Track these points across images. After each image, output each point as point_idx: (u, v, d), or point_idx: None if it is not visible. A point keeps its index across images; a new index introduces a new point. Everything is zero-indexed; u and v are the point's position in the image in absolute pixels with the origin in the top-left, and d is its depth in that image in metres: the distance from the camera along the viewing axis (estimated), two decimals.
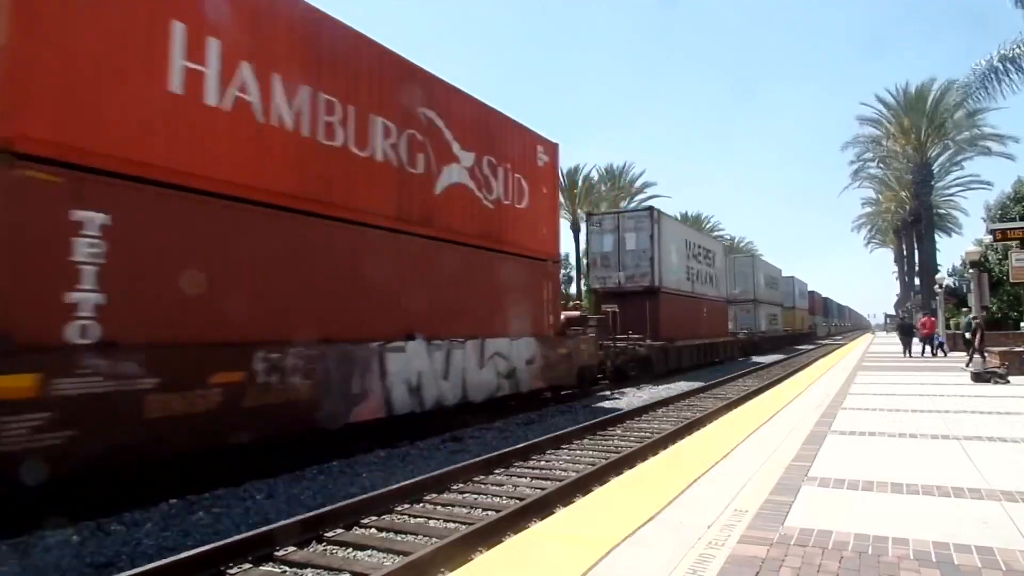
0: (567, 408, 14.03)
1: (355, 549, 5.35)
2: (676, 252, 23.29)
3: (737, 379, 20.32)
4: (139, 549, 5.24)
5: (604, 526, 3.92)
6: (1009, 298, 27.44)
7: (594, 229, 22.05)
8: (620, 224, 21.60)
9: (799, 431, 7.32)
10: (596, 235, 21.87)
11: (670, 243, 22.53)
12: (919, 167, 40.75)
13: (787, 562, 3.35)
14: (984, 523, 3.98)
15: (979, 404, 9.77)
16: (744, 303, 37.35)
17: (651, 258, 20.96)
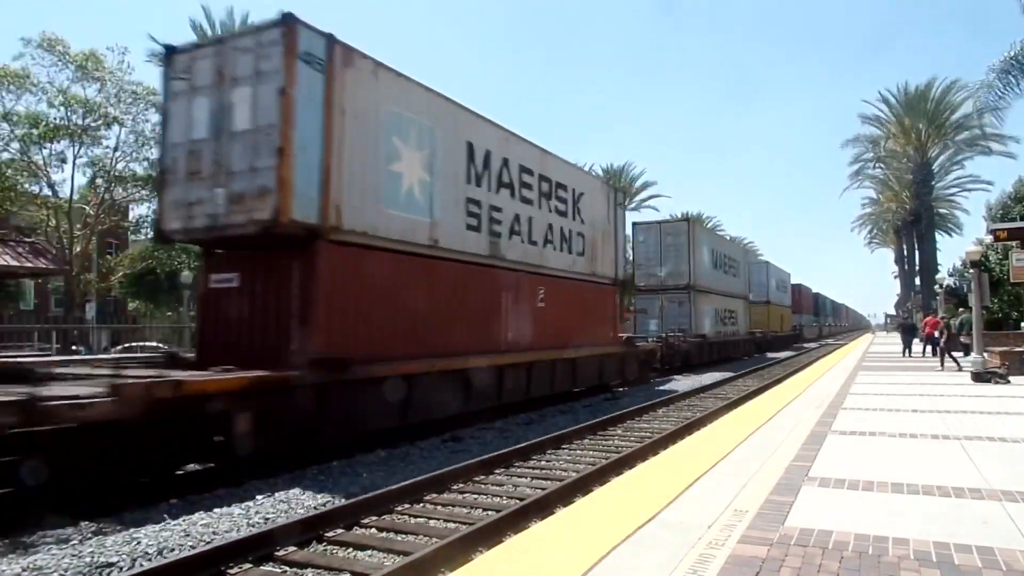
0: (567, 408, 14.04)
1: (355, 549, 5.35)
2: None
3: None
4: (139, 549, 5.24)
5: (604, 526, 3.92)
6: (1010, 298, 27.42)
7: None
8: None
9: (799, 431, 7.32)
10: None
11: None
12: (919, 167, 40.76)
13: (787, 562, 3.35)
14: (984, 523, 3.98)
15: (979, 404, 9.76)
16: (674, 291, 25.38)
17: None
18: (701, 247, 26.65)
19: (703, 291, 26.41)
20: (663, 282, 25.65)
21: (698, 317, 25.56)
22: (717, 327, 28.27)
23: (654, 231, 26.50)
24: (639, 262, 26.88)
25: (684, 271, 25.34)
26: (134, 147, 25.03)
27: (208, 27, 29.82)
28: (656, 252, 26.04)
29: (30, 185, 24.31)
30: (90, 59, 23.16)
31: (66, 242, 24.50)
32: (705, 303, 26.69)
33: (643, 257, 26.63)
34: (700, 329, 25.50)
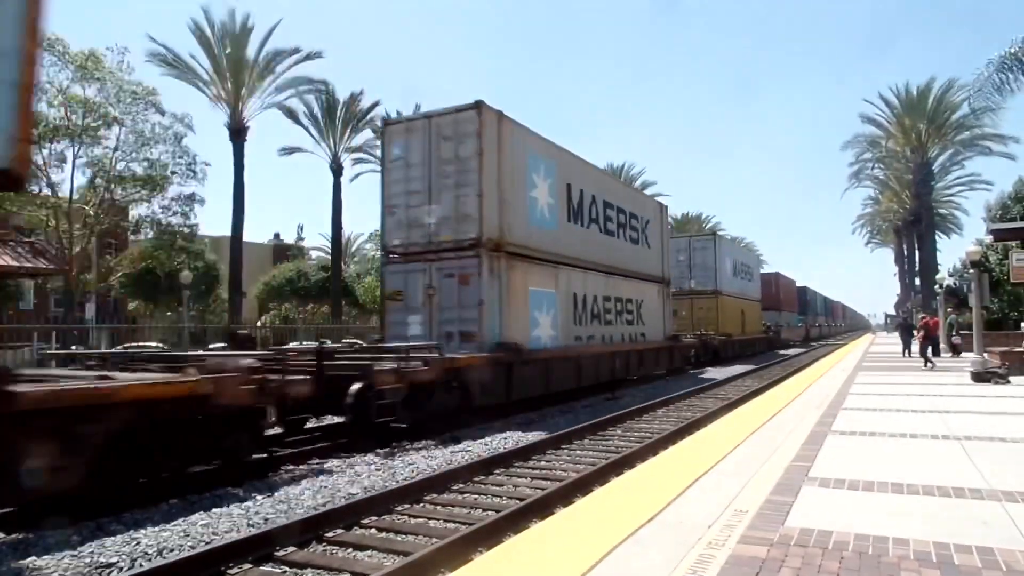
0: (567, 408, 14.04)
1: (355, 549, 5.35)
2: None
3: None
4: (139, 549, 5.24)
5: (604, 526, 3.92)
6: (1010, 298, 27.43)
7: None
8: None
9: (799, 431, 7.32)
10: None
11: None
12: (919, 167, 40.78)
13: (787, 562, 3.35)
14: (985, 523, 3.97)
15: (979, 404, 9.76)
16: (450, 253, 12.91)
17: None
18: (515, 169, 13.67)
19: (528, 257, 13.74)
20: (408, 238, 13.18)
21: (491, 310, 12.46)
22: (575, 328, 15.61)
23: None
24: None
25: (471, 212, 12.40)
26: (134, 147, 25.02)
27: (208, 29, 29.82)
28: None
29: (29, 185, 24.28)
30: (90, 59, 23.16)
31: (65, 242, 24.49)
32: (526, 280, 13.66)
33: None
34: (497, 330, 12.57)
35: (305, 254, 56.44)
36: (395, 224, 13.10)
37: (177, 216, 26.80)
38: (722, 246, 31.95)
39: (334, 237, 37.76)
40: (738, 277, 33.93)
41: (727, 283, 31.41)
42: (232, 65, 30.24)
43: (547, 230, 14.55)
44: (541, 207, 14.38)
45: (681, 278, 29.40)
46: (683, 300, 29.23)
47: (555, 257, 14.82)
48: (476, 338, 12.08)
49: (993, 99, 19.16)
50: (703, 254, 30.61)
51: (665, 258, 22.91)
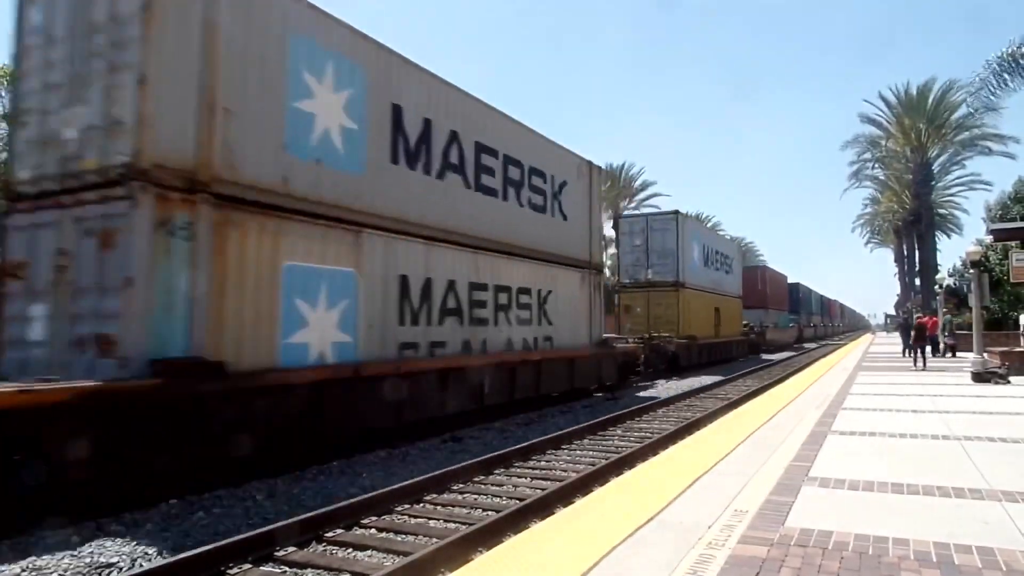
0: (567, 408, 14.03)
1: (355, 549, 5.35)
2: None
3: (738, 379, 20.35)
4: (139, 549, 5.24)
5: (604, 526, 3.92)
6: (1010, 298, 27.43)
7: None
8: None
9: (799, 431, 7.32)
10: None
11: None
12: (919, 167, 40.78)
13: (787, 562, 3.35)
14: (985, 523, 3.98)
15: (980, 404, 9.77)
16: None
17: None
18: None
19: (285, 210, 8.48)
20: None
21: (160, 295, 7.12)
22: (402, 330, 10.36)
23: None
24: None
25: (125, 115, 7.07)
26: None
27: None
28: None
29: None
30: None
31: None
32: (276, 248, 8.38)
33: None
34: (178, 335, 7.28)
35: None
36: (26, 145, 7.53)
37: None
38: (687, 227, 24.71)
39: None
40: (711, 267, 27.76)
41: (694, 274, 25.17)
42: None
43: (339, 171, 8.96)
44: (325, 131, 8.81)
45: (636, 266, 24.16)
46: (638, 294, 23.75)
47: (359, 216, 9.27)
48: (116, 349, 6.52)
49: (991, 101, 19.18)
50: (663, 237, 23.75)
51: (595, 236, 17.01)
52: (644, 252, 24.03)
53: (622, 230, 25.23)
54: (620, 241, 24.94)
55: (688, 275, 24.41)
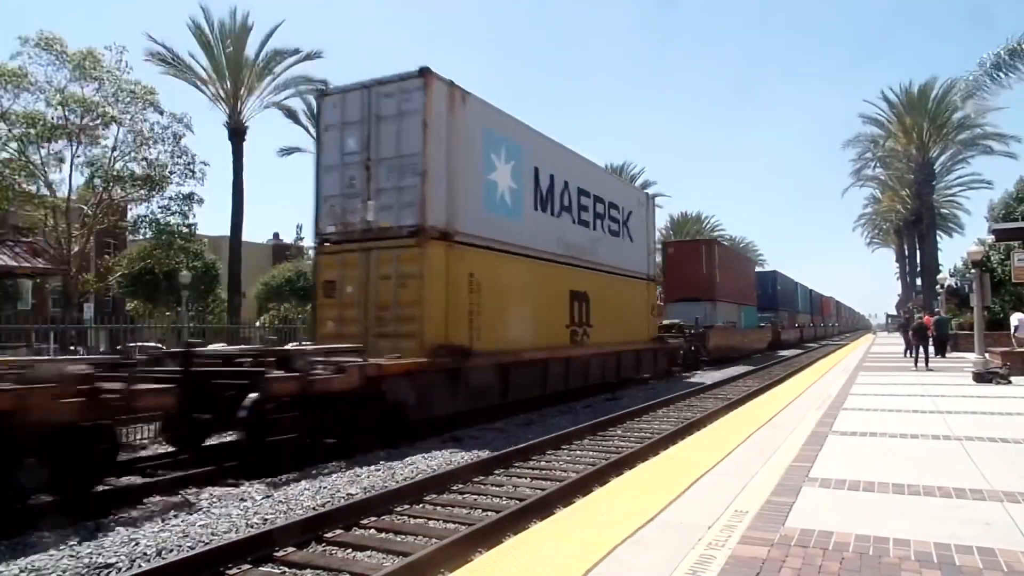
0: (567, 408, 14.03)
1: (355, 550, 5.34)
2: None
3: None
4: (138, 550, 5.23)
5: (604, 527, 3.91)
6: (1011, 298, 27.39)
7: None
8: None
9: (800, 431, 7.31)
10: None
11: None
12: (921, 166, 40.76)
13: (788, 563, 3.34)
14: (986, 524, 3.96)
15: (981, 404, 9.75)
16: None
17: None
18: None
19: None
20: None
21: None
22: None
23: None
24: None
25: None
26: (132, 146, 24.97)
27: (207, 28, 29.77)
28: None
29: (28, 185, 24.23)
30: (88, 58, 23.10)
31: (63, 242, 24.46)
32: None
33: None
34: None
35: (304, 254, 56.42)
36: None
37: (176, 215, 26.73)
38: (466, 113, 11.80)
39: None
40: (566, 214, 15.52)
41: (496, 216, 12.71)
42: (232, 64, 30.18)
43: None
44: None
45: (348, 198, 11.57)
46: (351, 257, 11.41)
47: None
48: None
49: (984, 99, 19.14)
50: (400, 130, 11.15)
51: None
52: (363, 166, 11.40)
53: (325, 120, 12.05)
54: (321, 147, 12.15)
55: (469, 215, 11.71)
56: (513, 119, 13.55)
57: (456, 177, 11.39)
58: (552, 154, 15.05)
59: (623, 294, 18.74)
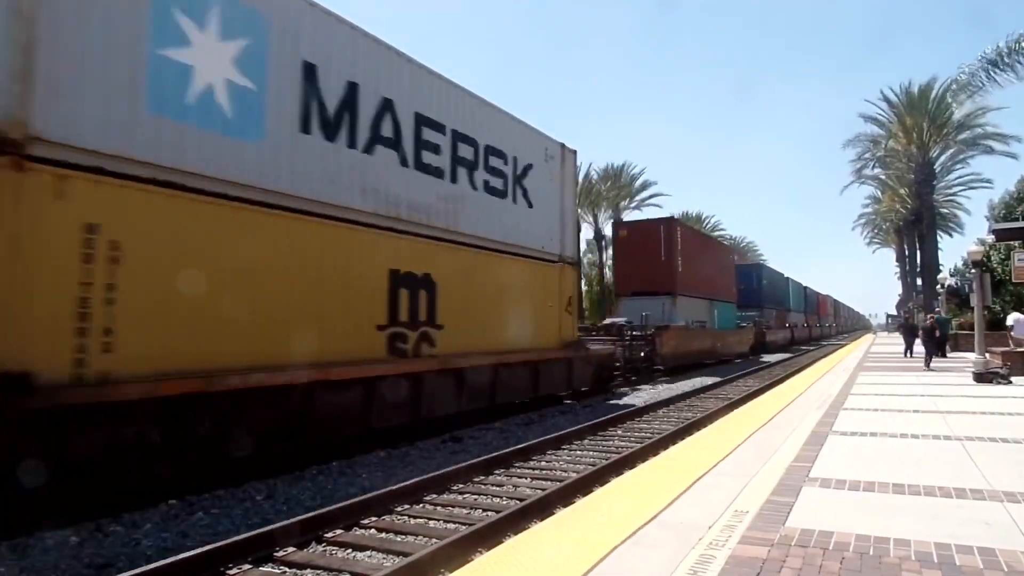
0: (567, 408, 14.02)
1: (355, 550, 5.34)
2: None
3: (738, 379, 20.29)
4: (138, 550, 5.24)
5: (604, 527, 3.91)
6: (1012, 298, 27.39)
7: None
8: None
9: (800, 431, 7.30)
10: None
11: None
12: (921, 166, 40.71)
13: (788, 563, 3.33)
14: (986, 524, 3.96)
15: (981, 405, 9.74)
16: None
17: None
18: None
19: None
20: None
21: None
22: None
23: None
24: None
25: None
26: None
27: None
28: None
29: None
30: None
31: None
32: None
33: None
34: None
35: None
36: None
37: None
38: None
39: None
40: (388, 153, 10.02)
41: (201, 130, 7.24)
42: None
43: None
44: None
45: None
46: None
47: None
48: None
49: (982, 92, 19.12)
50: None
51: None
52: None
53: None
54: None
55: (92, 112, 6.26)
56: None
57: (55, 28, 5.94)
58: (356, 51, 9.39)
59: (512, 281, 12.90)
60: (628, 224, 26.87)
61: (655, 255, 23.35)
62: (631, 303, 23.28)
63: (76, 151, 6.09)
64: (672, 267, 23.51)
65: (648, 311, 21.47)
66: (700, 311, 25.94)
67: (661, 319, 21.78)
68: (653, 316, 21.34)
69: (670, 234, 23.72)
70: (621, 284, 25.04)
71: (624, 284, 24.75)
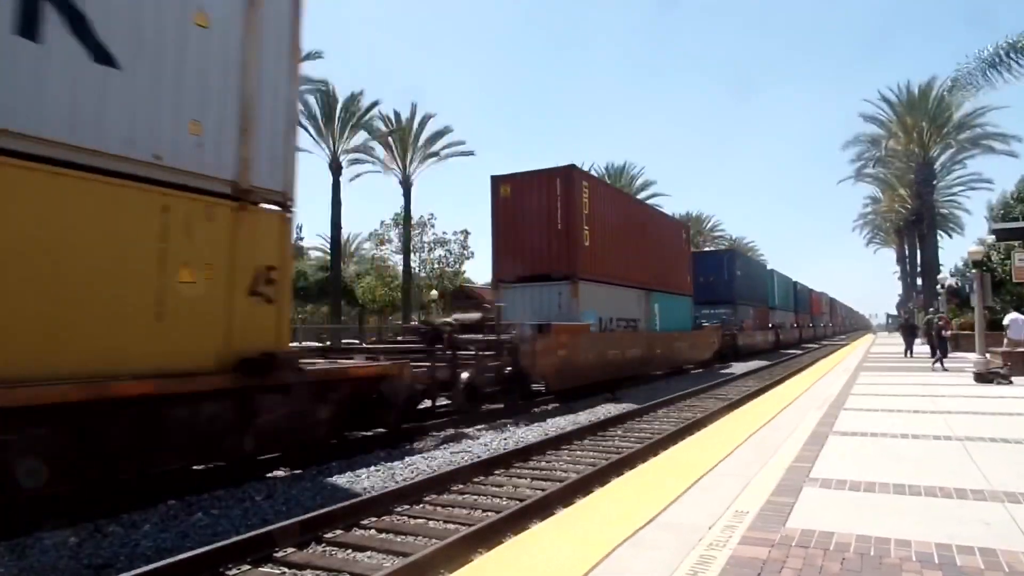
0: (567, 408, 14.02)
1: (355, 550, 5.33)
2: None
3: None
4: (137, 550, 5.22)
5: (604, 527, 3.90)
6: (1012, 298, 27.39)
7: None
8: None
9: (800, 432, 7.29)
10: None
11: None
12: (921, 166, 40.72)
13: (788, 563, 3.33)
14: (987, 524, 3.95)
15: (982, 405, 9.73)
16: None
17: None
18: None
19: None
20: None
21: None
22: None
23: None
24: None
25: None
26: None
27: None
28: None
29: None
30: None
31: None
32: None
33: None
34: None
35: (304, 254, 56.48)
36: None
37: None
38: None
39: (333, 237, 37.64)
40: None
41: None
42: None
43: None
44: None
45: None
46: None
47: None
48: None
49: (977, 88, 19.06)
50: None
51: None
52: None
53: None
54: None
55: None
56: None
57: None
58: None
59: (78, 230, 5.88)
60: (512, 178, 16.52)
61: (548, 224, 15.89)
62: (516, 293, 16.08)
63: None
64: (574, 240, 15.69)
65: (544, 302, 15.67)
66: (627, 305, 18.73)
67: (557, 315, 15.23)
68: (548, 311, 15.36)
69: (570, 191, 15.72)
70: (501, 267, 16.47)
71: (505, 267, 16.38)
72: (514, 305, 15.74)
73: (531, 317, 14.91)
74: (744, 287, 33.09)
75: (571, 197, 15.80)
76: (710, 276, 29.97)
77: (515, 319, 14.58)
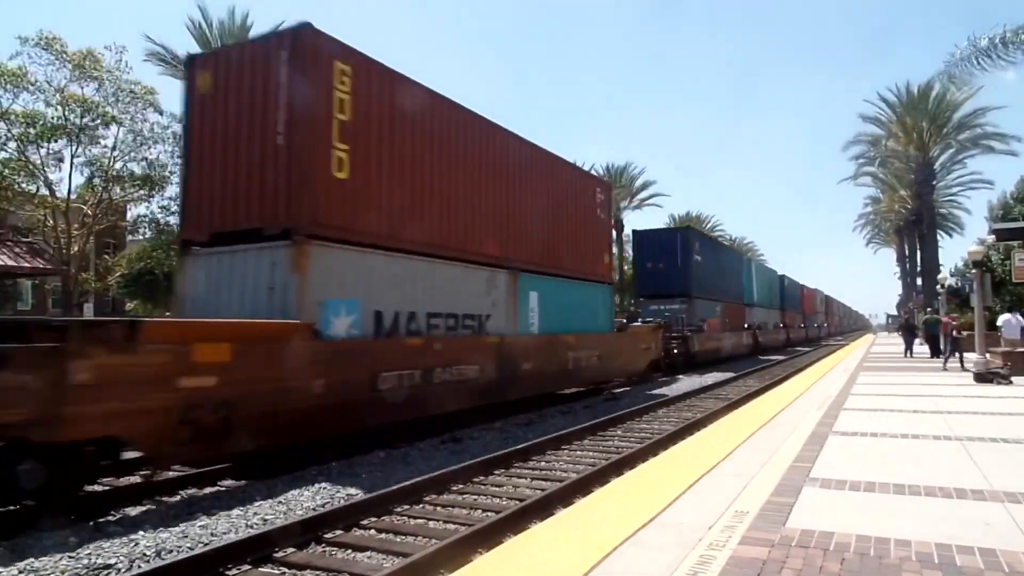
0: (567, 409, 14.02)
1: (354, 550, 5.33)
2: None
3: (738, 379, 20.27)
4: (137, 550, 5.22)
5: (604, 527, 3.90)
6: (1012, 298, 27.40)
7: None
8: None
9: (800, 432, 7.29)
10: None
11: None
12: (921, 166, 40.74)
13: (788, 563, 3.33)
14: (987, 524, 3.95)
15: (982, 405, 9.74)
16: None
17: None
18: None
19: None
20: None
21: None
22: None
23: None
24: None
25: None
26: (132, 146, 24.94)
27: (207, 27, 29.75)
28: None
29: (27, 184, 24.20)
30: (88, 58, 23.06)
31: (63, 242, 24.43)
32: None
33: None
34: None
35: None
36: None
37: (175, 215, 26.71)
38: None
39: None
40: None
41: None
42: None
43: None
44: None
45: None
46: None
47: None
48: None
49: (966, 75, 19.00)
50: None
51: None
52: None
53: None
54: None
55: None
56: None
57: None
58: None
59: None
60: (218, 57, 10.24)
61: (264, 134, 8.83)
62: (212, 264, 9.13)
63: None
64: (305, 163, 8.52)
65: (250, 283, 8.70)
66: (460, 293, 11.38)
67: (267, 304, 8.43)
68: (254, 296, 8.60)
69: (304, 75, 8.61)
70: (190, 216, 9.61)
71: (195, 218, 9.48)
72: (208, 283, 8.98)
73: (223, 308, 8.61)
74: (706, 277, 25.65)
75: (305, 86, 8.55)
76: (659, 262, 23.36)
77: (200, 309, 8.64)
